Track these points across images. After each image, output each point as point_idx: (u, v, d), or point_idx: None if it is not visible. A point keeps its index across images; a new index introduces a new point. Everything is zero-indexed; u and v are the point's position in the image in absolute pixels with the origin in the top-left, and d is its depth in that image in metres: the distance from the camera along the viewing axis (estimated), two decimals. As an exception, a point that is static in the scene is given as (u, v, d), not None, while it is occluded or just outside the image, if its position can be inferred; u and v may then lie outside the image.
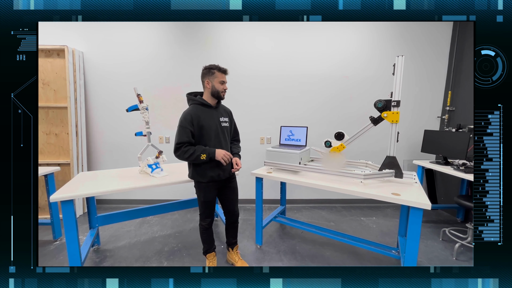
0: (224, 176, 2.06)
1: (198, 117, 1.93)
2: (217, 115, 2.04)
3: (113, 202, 3.82)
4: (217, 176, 2.01)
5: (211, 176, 1.99)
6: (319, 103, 3.68)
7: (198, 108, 1.98)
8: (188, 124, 1.90)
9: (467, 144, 2.75)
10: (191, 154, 1.88)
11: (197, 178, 2.04)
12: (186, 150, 1.88)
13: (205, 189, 2.04)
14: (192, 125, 1.91)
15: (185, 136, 1.89)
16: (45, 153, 3.27)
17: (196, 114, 1.93)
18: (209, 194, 2.06)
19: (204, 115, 1.96)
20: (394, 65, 1.99)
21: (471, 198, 2.53)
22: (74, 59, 3.23)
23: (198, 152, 1.89)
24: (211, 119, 1.99)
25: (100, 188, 1.98)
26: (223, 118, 2.07)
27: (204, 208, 2.11)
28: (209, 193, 2.06)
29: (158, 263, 2.37)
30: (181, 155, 1.90)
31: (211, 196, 2.07)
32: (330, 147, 2.32)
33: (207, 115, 1.98)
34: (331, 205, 3.88)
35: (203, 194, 2.06)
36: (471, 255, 2.47)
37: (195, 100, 2.01)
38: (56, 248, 2.58)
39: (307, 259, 2.43)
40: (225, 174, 2.06)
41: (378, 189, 1.91)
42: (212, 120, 1.98)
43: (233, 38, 3.52)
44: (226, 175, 2.07)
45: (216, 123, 2.01)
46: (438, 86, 3.65)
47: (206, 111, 1.99)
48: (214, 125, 1.99)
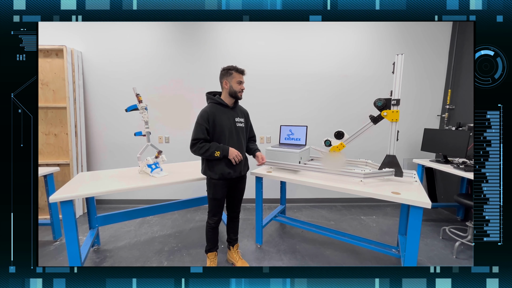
0: (235, 175, 2.09)
1: (214, 115, 2.00)
2: (233, 115, 2.10)
3: (113, 202, 3.81)
4: (228, 174, 2.05)
5: (222, 173, 2.03)
6: (319, 103, 3.68)
7: (215, 107, 2.05)
8: (204, 121, 1.98)
9: (467, 143, 2.75)
10: (206, 150, 1.96)
11: (208, 174, 2.09)
12: (202, 146, 1.96)
13: (215, 186, 2.08)
14: (208, 123, 1.98)
15: (201, 133, 1.97)
16: (45, 153, 3.26)
17: (212, 112, 2.01)
18: (219, 191, 2.09)
19: (220, 114, 2.03)
20: (394, 64, 1.99)
21: (471, 197, 2.53)
22: (72, 59, 3.22)
23: (212, 148, 1.96)
24: (227, 119, 2.05)
25: (100, 189, 1.98)
26: (239, 119, 2.13)
27: (212, 205, 2.14)
28: (218, 191, 2.08)
29: (158, 263, 2.37)
30: (197, 150, 1.98)
31: (220, 194, 2.10)
32: (330, 146, 2.31)
33: (223, 114, 2.04)
34: (331, 204, 3.89)
35: (212, 191, 2.10)
36: (471, 253, 2.48)
37: (213, 99, 2.07)
38: (56, 249, 2.58)
39: (307, 258, 2.43)
40: (236, 173, 2.09)
41: (378, 188, 1.91)
42: (227, 120, 2.05)
43: (233, 37, 3.51)
44: (237, 175, 2.11)
45: (231, 122, 2.07)
46: (438, 84, 3.65)
47: (223, 110, 2.05)
48: (228, 124, 2.05)
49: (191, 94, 3.59)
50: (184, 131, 3.63)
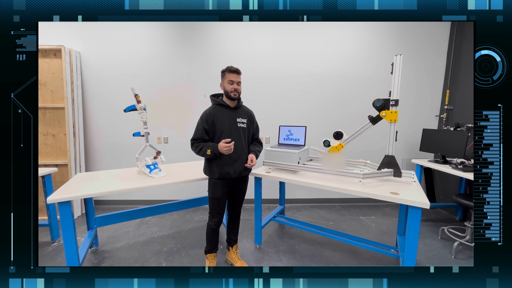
0: (235, 175, 2.09)
1: (213, 116, 2.06)
2: (234, 115, 2.11)
3: (111, 203, 3.80)
4: (227, 174, 2.06)
5: (220, 173, 2.05)
6: (318, 103, 3.68)
7: (216, 108, 2.10)
8: (203, 122, 2.05)
9: (465, 143, 2.77)
10: (200, 149, 2.02)
11: (208, 174, 2.14)
12: (197, 146, 2.04)
13: (214, 185, 2.09)
14: (207, 123, 2.05)
15: (199, 133, 2.05)
16: (43, 154, 3.24)
17: (211, 113, 2.07)
18: (218, 191, 2.09)
19: (219, 115, 2.07)
20: (392, 64, 2.00)
21: (469, 197, 2.55)
22: (71, 59, 3.21)
23: (205, 147, 2.01)
24: (227, 119, 2.07)
25: (98, 189, 1.97)
26: (241, 119, 2.14)
27: (212, 205, 2.15)
28: (217, 190, 2.09)
29: (157, 263, 2.36)
30: (194, 150, 2.06)
31: (219, 194, 2.10)
32: (329, 146, 2.32)
33: (223, 115, 2.07)
34: (330, 204, 3.89)
35: (212, 191, 2.11)
36: (470, 253, 2.49)
37: (215, 101, 2.13)
38: (54, 250, 2.56)
39: (306, 258, 2.43)
40: (235, 173, 2.09)
41: (377, 188, 1.92)
42: (227, 120, 2.07)
43: (231, 37, 3.51)
44: (236, 175, 2.10)
45: (231, 123, 2.08)
46: (436, 85, 3.67)
47: (223, 111, 2.09)
48: (228, 124, 2.07)
49: (190, 94, 3.59)
50: (183, 131, 3.63)
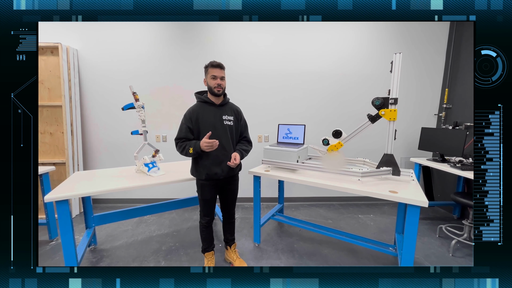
0: (223, 176, 2.03)
1: (197, 114, 1.98)
2: (220, 113, 2.03)
3: (109, 202, 3.79)
4: (214, 175, 2.00)
5: (207, 173, 2.00)
6: (317, 101, 3.68)
7: (200, 106, 2.03)
8: (187, 121, 1.98)
9: (464, 142, 2.78)
10: (183, 148, 1.96)
11: (194, 175, 2.09)
12: (181, 145, 1.98)
13: (202, 186, 2.06)
14: (191, 122, 1.98)
15: (183, 132, 1.99)
16: (40, 152, 3.22)
17: (195, 111, 1.99)
18: (206, 192, 2.06)
19: (204, 112, 2.00)
20: (392, 63, 2.00)
21: (467, 195, 2.56)
22: (68, 56, 3.18)
23: (188, 146, 1.94)
24: (212, 117, 2.00)
25: (96, 188, 1.95)
26: (227, 117, 2.05)
27: (202, 206, 2.13)
28: (206, 191, 2.06)
29: (155, 262, 2.36)
30: (178, 150, 2.00)
31: (208, 195, 2.07)
32: (328, 145, 2.32)
33: (207, 112, 2.00)
34: (329, 202, 3.90)
35: (200, 192, 2.09)
36: (468, 251, 2.51)
37: (199, 98, 2.06)
38: (52, 249, 2.56)
39: (305, 257, 2.44)
40: (223, 173, 2.03)
41: (375, 187, 1.92)
42: (212, 118, 1.99)
43: (231, 36, 3.49)
44: (225, 175, 2.05)
45: (216, 120, 2.00)
46: (435, 83, 3.68)
47: (207, 109, 2.02)
48: (213, 122, 1.99)
49: (189, 93, 3.55)
50: (181, 130, 3.61)
